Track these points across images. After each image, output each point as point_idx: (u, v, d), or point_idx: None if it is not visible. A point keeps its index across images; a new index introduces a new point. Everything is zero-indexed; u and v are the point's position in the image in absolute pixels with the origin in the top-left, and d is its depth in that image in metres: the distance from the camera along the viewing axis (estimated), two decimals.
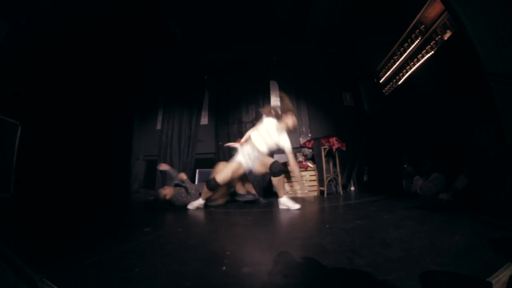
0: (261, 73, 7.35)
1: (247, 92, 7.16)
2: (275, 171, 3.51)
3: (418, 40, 4.69)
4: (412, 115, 4.71)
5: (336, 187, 5.78)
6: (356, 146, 6.50)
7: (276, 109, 3.80)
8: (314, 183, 5.50)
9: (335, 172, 5.69)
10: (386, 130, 5.71)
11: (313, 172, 5.54)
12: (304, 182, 5.42)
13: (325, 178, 5.14)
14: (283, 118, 3.70)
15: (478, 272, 1.02)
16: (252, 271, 1.15)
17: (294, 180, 5.34)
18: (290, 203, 3.42)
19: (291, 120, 3.71)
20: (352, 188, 6.20)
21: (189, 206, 3.77)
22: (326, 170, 5.29)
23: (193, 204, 3.77)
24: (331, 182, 5.73)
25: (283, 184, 3.64)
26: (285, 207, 3.41)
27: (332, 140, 5.27)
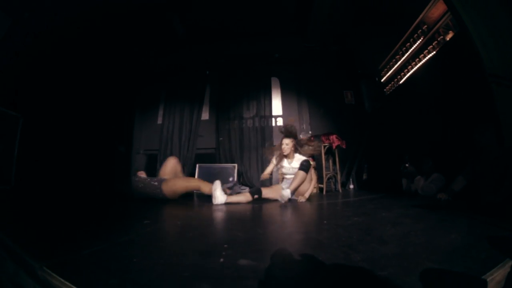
0: (263, 69, 7.35)
1: (249, 88, 7.17)
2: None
3: (420, 40, 4.69)
4: (413, 115, 4.72)
5: (335, 184, 5.80)
6: (356, 144, 6.50)
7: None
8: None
9: (334, 169, 5.71)
10: (386, 129, 5.72)
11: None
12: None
13: (324, 176, 5.15)
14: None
15: (473, 270, 1.03)
16: (249, 264, 1.16)
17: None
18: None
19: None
20: (351, 186, 6.22)
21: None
22: (326, 167, 5.31)
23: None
24: (330, 180, 5.76)
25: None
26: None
27: (332, 137, 5.28)
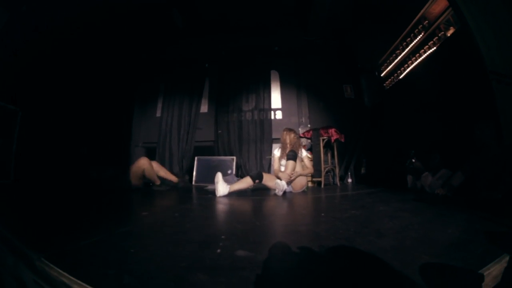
0: (262, 62, 7.30)
1: (248, 81, 7.13)
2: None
3: (420, 35, 4.67)
4: (413, 110, 4.71)
5: (333, 178, 5.82)
6: (355, 138, 6.50)
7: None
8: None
9: (333, 163, 5.72)
10: (386, 124, 5.72)
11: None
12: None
13: (322, 169, 5.16)
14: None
15: (470, 265, 1.03)
16: (247, 255, 1.17)
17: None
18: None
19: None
20: (349, 180, 6.22)
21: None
22: (324, 161, 5.32)
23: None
24: (329, 173, 5.78)
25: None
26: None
27: (331, 131, 5.28)
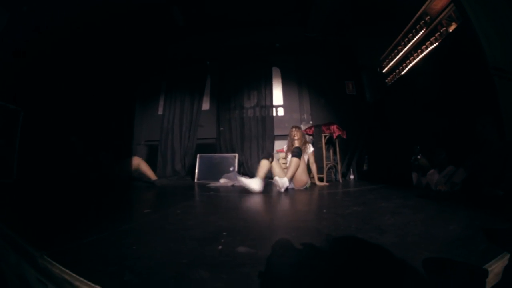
0: (263, 59, 7.29)
1: (249, 78, 7.12)
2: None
3: (422, 31, 4.65)
4: (415, 106, 4.69)
5: (335, 174, 5.82)
6: (357, 134, 6.49)
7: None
8: None
9: (335, 160, 5.72)
10: (388, 120, 5.70)
11: None
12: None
13: (324, 166, 5.15)
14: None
15: (471, 262, 1.03)
16: (248, 251, 1.17)
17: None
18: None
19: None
20: (351, 177, 6.20)
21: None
22: (326, 157, 5.31)
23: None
24: (331, 170, 5.77)
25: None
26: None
27: (333, 127, 5.27)
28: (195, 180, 5.90)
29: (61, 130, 4.70)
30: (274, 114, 6.89)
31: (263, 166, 3.82)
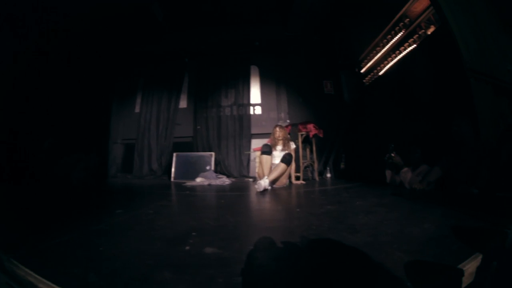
0: (242, 57, 7.31)
1: (228, 76, 7.13)
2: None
3: (401, 33, 4.74)
4: (392, 105, 4.78)
5: (312, 173, 5.87)
6: (334, 133, 6.58)
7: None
8: None
9: (311, 158, 5.78)
10: (365, 119, 5.79)
11: None
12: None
13: (301, 164, 5.22)
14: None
15: (444, 262, 1.04)
16: (214, 252, 1.19)
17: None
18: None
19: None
20: (328, 175, 6.29)
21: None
22: (303, 156, 5.37)
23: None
24: (307, 168, 5.83)
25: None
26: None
27: (310, 126, 5.33)
28: (172, 179, 5.87)
29: (32, 131, 4.58)
30: (252, 113, 6.91)
31: (267, 162, 3.91)
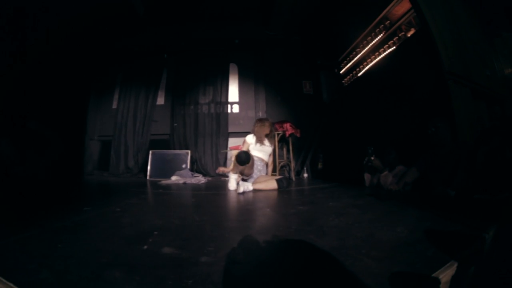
0: (221, 55, 7.28)
1: (206, 73, 7.09)
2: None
3: (381, 34, 4.84)
4: (371, 107, 4.85)
5: (289, 173, 5.92)
6: (312, 133, 6.67)
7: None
8: None
9: (288, 158, 5.83)
10: (343, 120, 5.86)
11: None
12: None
13: (277, 164, 5.24)
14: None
15: (417, 270, 0.98)
16: (172, 252, 1.18)
17: None
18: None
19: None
20: (305, 175, 6.36)
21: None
22: (279, 155, 5.41)
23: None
24: (284, 168, 5.88)
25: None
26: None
27: (286, 125, 5.37)
28: (148, 177, 5.84)
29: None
30: (229, 111, 6.92)
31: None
